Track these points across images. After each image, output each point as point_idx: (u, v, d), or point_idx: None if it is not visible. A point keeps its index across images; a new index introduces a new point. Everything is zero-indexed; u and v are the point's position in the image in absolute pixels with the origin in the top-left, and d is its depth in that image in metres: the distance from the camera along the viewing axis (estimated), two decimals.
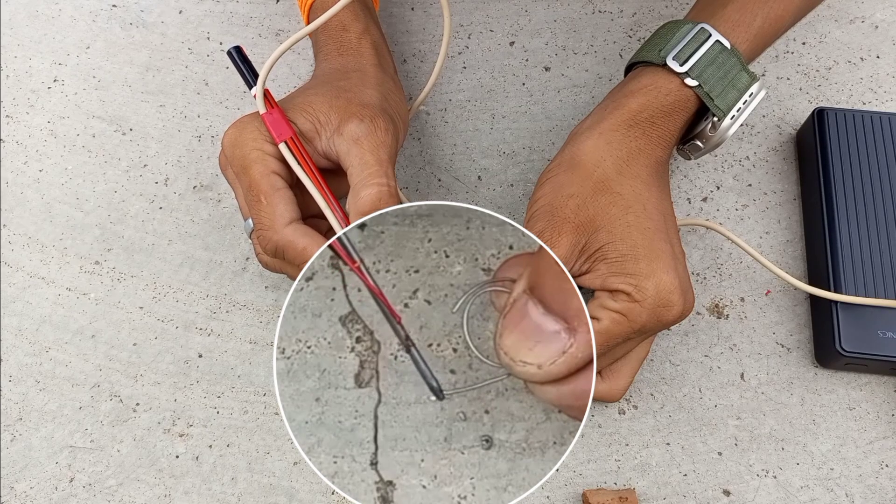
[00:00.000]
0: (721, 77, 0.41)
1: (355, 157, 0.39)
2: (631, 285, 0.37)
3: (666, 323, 0.38)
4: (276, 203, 0.38)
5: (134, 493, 0.43)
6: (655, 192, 0.41)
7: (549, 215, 0.39)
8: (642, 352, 0.42)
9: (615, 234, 0.38)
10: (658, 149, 0.42)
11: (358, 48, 0.46)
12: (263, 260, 0.41)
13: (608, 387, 0.42)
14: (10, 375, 0.46)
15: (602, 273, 0.38)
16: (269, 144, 0.39)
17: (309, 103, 0.41)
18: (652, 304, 0.37)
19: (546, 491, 0.43)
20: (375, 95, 0.42)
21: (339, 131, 0.40)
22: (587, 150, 0.41)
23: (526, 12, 0.58)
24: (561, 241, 0.38)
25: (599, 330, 0.38)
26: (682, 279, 0.39)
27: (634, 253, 0.38)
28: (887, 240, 0.46)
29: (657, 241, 0.39)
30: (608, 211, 0.39)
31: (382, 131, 0.40)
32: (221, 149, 0.41)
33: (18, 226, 0.51)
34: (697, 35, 0.41)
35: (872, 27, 0.57)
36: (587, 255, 0.39)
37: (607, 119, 0.42)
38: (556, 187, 0.40)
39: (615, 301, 0.38)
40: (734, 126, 0.42)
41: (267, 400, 0.46)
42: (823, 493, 0.43)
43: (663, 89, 0.41)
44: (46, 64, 0.56)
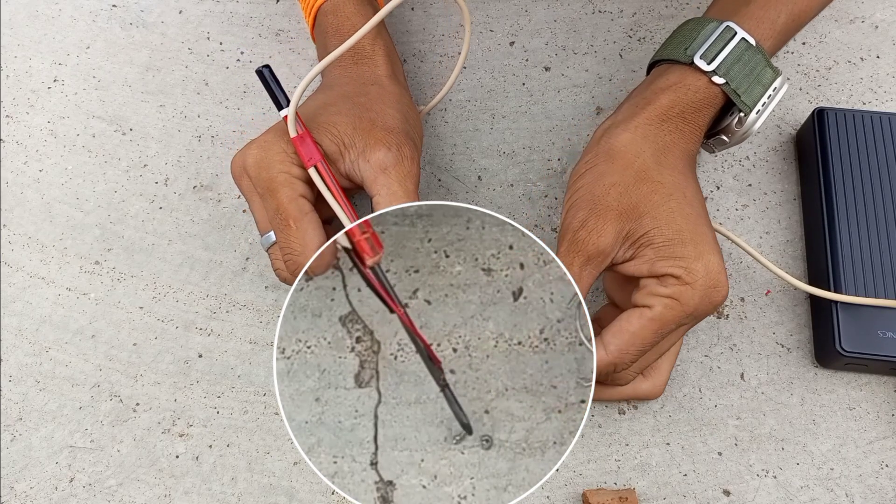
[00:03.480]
0: (747, 74, 0.42)
1: (383, 187, 0.40)
2: (681, 268, 0.38)
3: (715, 304, 0.38)
4: (305, 228, 0.38)
5: (134, 493, 0.43)
6: (692, 182, 0.42)
7: (591, 203, 0.40)
8: (677, 345, 0.43)
9: (660, 220, 0.39)
10: (689, 143, 0.43)
11: (372, 56, 0.46)
12: (284, 276, 0.41)
13: (651, 384, 0.42)
14: (10, 375, 0.46)
15: (649, 258, 0.39)
16: (296, 167, 0.39)
17: (333, 124, 0.41)
18: (703, 286, 0.38)
19: (546, 491, 0.43)
20: (397, 117, 0.42)
21: (365, 157, 0.40)
22: (625, 142, 0.42)
23: (526, 12, 0.58)
24: (606, 229, 0.39)
25: (653, 317, 0.38)
26: (723, 261, 0.39)
27: (681, 237, 0.38)
28: (887, 240, 0.46)
29: (700, 226, 0.39)
30: (650, 198, 0.39)
31: (409, 161, 0.41)
32: (241, 163, 0.40)
33: (18, 226, 0.51)
34: (723, 33, 0.42)
35: (872, 27, 0.57)
36: (631, 242, 0.39)
37: (640, 114, 0.42)
38: (597, 177, 0.41)
39: (665, 286, 0.38)
40: (759, 121, 0.43)
41: (267, 400, 0.46)
42: (823, 493, 0.43)
43: (692, 87, 0.42)
44: (46, 64, 0.56)
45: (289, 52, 0.56)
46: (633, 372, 0.40)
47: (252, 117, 0.54)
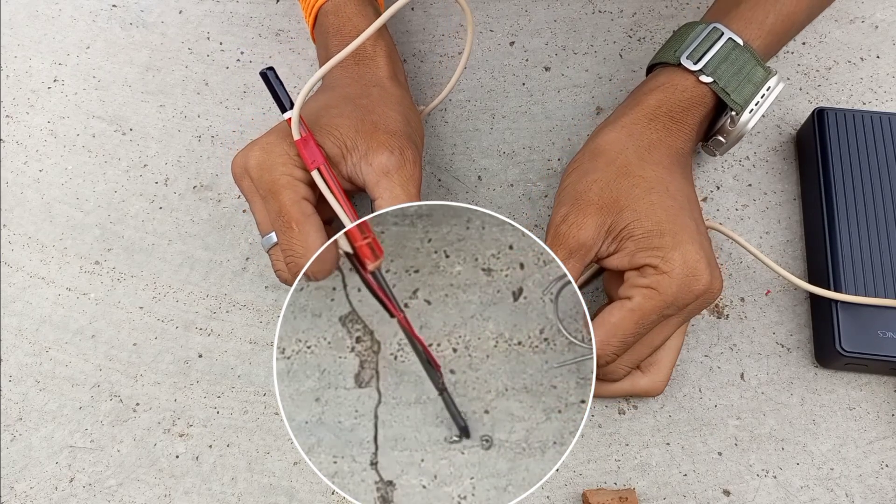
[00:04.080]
0: (735, 73, 0.43)
1: (386, 190, 0.40)
2: (657, 257, 0.38)
3: (696, 294, 0.39)
4: (307, 231, 0.38)
5: (134, 493, 0.43)
6: (678, 177, 0.42)
7: (573, 199, 0.40)
8: (678, 341, 0.43)
9: (640, 213, 0.39)
10: (678, 140, 0.43)
11: (374, 57, 0.46)
12: (285, 278, 0.41)
13: (650, 380, 0.43)
14: (10, 375, 0.46)
15: (630, 250, 0.39)
16: (299, 169, 0.39)
17: (335, 126, 0.41)
18: (680, 275, 0.38)
19: (546, 491, 0.43)
20: (399, 120, 0.43)
21: (368, 160, 0.40)
22: (610, 141, 0.43)
23: (526, 12, 0.58)
24: (586, 223, 0.39)
25: (632, 308, 0.38)
26: (707, 252, 0.39)
27: (659, 228, 0.39)
28: (887, 240, 0.46)
29: (680, 217, 0.40)
30: (632, 192, 0.40)
31: (411, 164, 0.41)
32: (243, 165, 0.40)
33: (18, 226, 0.51)
34: (710, 34, 0.43)
35: (872, 27, 0.57)
36: (614, 235, 0.40)
37: (628, 114, 0.43)
38: (581, 174, 0.42)
39: (644, 277, 0.39)
40: (753, 120, 0.43)
41: (267, 400, 0.46)
42: (823, 493, 0.43)
43: (679, 86, 0.43)
44: (46, 64, 0.56)
45: (289, 52, 0.56)
46: (623, 366, 0.41)
47: (252, 117, 0.54)
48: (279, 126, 0.41)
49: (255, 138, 0.41)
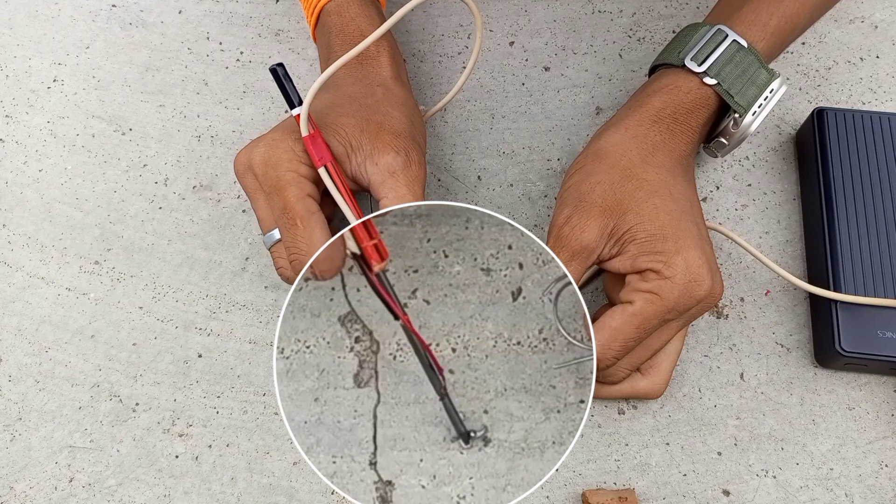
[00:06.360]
0: (739, 74, 0.43)
1: (391, 190, 0.40)
2: (660, 262, 0.38)
3: (698, 299, 0.39)
4: (312, 228, 0.38)
5: (134, 493, 0.43)
6: (680, 180, 0.42)
7: (576, 200, 0.40)
8: (678, 344, 0.43)
9: (643, 216, 0.39)
10: (681, 143, 0.43)
11: (377, 56, 0.46)
12: (287, 276, 0.41)
13: (650, 382, 0.43)
14: (9, 375, 0.46)
15: (632, 254, 0.39)
16: (304, 166, 0.39)
17: (341, 125, 0.41)
18: (682, 280, 0.38)
19: (546, 491, 0.43)
20: (403, 120, 0.43)
21: (373, 160, 0.40)
22: (613, 143, 0.42)
23: (526, 12, 0.58)
24: (589, 225, 0.39)
25: (634, 312, 0.38)
26: (709, 257, 0.39)
27: (662, 233, 0.39)
28: (887, 240, 0.46)
29: (683, 222, 0.40)
30: (635, 195, 0.40)
31: (416, 165, 0.41)
32: (246, 161, 0.40)
33: (18, 226, 0.51)
34: (714, 36, 0.43)
35: (872, 27, 0.57)
36: (616, 238, 0.40)
37: (631, 116, 0.43)
38: (584, 176, 0.42)
39: (646, 281, 0.38)
40: (756, 122, 0.43)
41: (267, 400, 0.46)
42: (823, 493, 0.43)
43: (683, 88, 0.43)
44: (46, 64, 0.56)
45: (288, 52, 0.56)
46: (623, 368, 0.41)
47: (252, 117, 0.54)
48: (284, 123, 0.41)
49: (258, 136, 0.41)
